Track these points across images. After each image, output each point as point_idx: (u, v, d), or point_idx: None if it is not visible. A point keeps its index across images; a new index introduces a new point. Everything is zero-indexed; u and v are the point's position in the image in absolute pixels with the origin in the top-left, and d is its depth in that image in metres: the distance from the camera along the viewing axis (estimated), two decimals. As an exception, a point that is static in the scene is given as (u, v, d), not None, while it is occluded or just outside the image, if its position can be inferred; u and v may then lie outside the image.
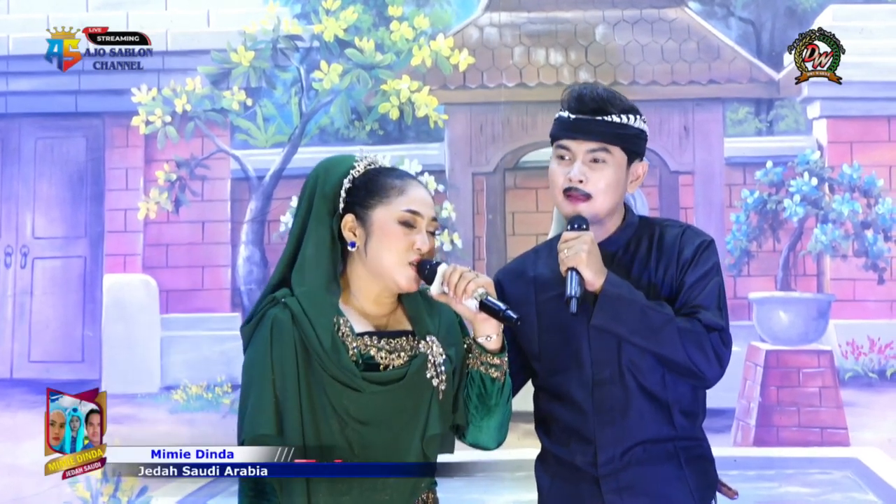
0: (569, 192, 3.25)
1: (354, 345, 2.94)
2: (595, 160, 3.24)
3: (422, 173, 6.99)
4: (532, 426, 3.39)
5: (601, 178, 3.24)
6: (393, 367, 2.97)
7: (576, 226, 3.20)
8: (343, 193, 3.00)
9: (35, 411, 6.73)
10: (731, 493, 3.44)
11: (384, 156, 7.10)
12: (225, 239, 7.06)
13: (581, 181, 3.23)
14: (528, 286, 3.35)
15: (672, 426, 3.26)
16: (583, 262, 3.11)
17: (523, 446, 3.45)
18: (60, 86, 6.87)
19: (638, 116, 3.28)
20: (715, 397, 3.34)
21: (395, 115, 6.96)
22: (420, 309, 3.05)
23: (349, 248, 2.99)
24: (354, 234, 2.99)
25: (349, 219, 2.99)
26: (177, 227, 7.04)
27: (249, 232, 7.02)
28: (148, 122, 6.99)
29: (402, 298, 3.06)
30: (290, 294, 2.96)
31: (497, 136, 7.09)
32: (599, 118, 3.23)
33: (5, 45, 7.01)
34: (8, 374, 6.98)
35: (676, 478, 3.26)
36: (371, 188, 3.00)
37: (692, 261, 3.25)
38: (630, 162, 3.29)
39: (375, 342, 2.98)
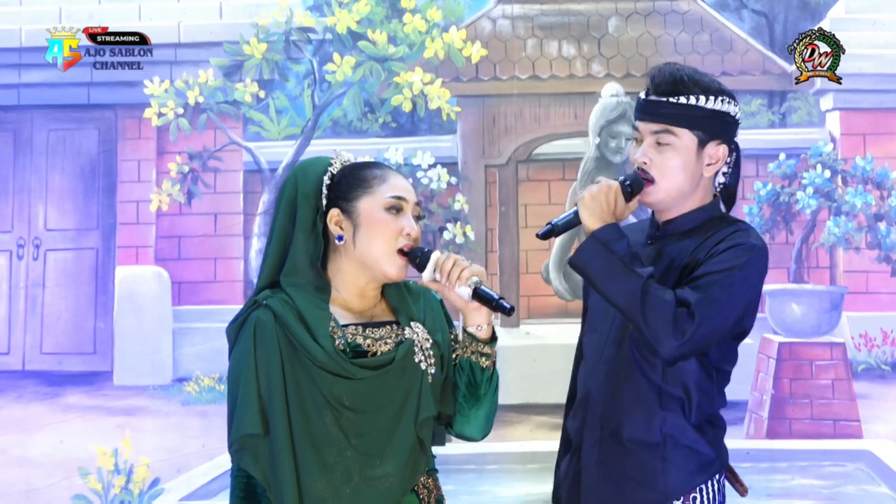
0: (638, 173, 3.26)
1: (340, 335, 2.95)
2: (659, 143, 3.23)
3: (434, 165, 6.99)
4: (544, 418, 3.39)
5: (665, 161, 3.22)
6: (380, 353, 2.97)
7: (621, 178, 3.22)
8: (324, 190, 3.00)
9: (47, 403, 6.75)
10: (742, 490, 3.38)
11: (396, 148, 7.13)
12: (237, 231, 7.07)
13: (645, 162, 3.23)
14: None
15: (664, 415, 3.21)
16: (583, 202, 3.16)
17: (535, 438, 3.45)
18: (72, 78, 6.86)
19: (716, 97, 3.24)
20: (728, 389, 3.31)
21: (407, 107, 6.97)
22: (403, 298, 3.07)
23: (337, 241, 2.99)
24: (341, 228, 2.99)
25: (335, 213, 2.99)
26: (189, 219, 7.05)
27: (262, 224, 7.03)
28: (160, 114, 7.00)
29: (384, 291, 3.07)
30: (271, 295, 2.97)
31: (509, 129, 7.09)
32: (665, 99, 3.24)
33: (17, 37, 7.01)
34: (20, 365, 6.99)
35: (652, 470, 3.21)
36: (352, 181, 3.00)
37: (721, 253, 3.17)
38: (703, 144, 3.25)
39: (361, 331, 2.99)
